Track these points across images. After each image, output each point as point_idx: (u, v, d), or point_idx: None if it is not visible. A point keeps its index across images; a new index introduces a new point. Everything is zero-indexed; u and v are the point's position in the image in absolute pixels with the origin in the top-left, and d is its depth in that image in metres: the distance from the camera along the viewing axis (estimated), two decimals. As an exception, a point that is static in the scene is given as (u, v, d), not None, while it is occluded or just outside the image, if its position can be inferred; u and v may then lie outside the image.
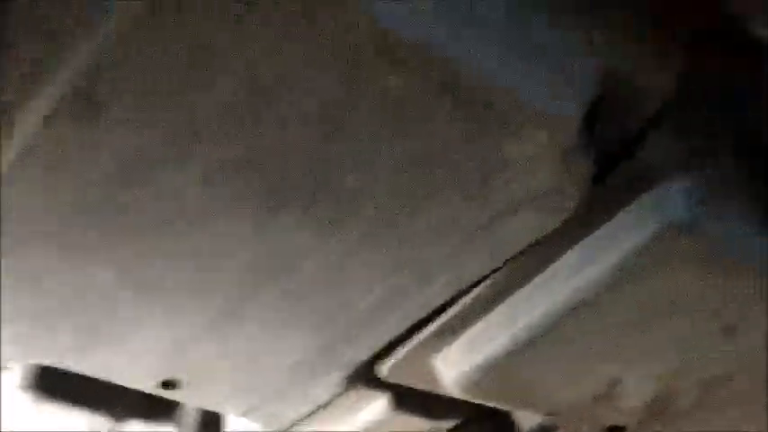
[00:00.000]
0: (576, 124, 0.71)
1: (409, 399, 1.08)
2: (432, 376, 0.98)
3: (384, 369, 0.98)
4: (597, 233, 0.81)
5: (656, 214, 0.78)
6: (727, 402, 1.01)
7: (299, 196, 0.74)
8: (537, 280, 0.87)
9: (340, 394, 1.05)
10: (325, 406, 1.07)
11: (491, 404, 1.01)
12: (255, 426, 1.11)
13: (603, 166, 0.78)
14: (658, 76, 0.73)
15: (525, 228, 0.79)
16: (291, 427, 1.11)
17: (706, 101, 0.78)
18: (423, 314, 0.91)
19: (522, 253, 0.84)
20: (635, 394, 0.99)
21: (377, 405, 1.09)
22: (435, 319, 0.92)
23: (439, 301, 0.89)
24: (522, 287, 0.88)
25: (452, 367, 0.95)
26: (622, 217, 0.80)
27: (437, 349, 0.96)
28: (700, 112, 0.79)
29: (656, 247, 0.79)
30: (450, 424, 1.16)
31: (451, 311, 0.91)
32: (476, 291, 0.89)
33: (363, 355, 0.97)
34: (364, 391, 1.06)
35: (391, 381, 1.00)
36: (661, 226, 0.78)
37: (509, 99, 0.68)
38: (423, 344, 0.95)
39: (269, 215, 0.76)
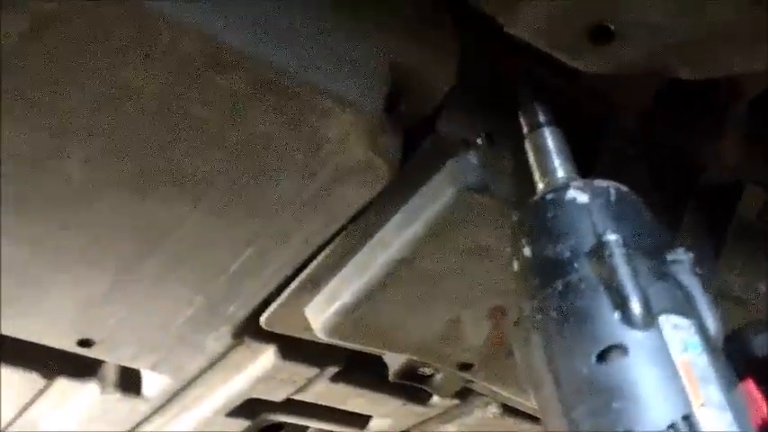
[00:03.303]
0: (375, 107, 0.91)
1: (294, 348, 1.28)
2: (304, 325, 1.18)
3: (263, 319, 1.18)
4: (411, 201, 1.01)
5: (453, 180, 0.99)
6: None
7: (160, 178, 0.94)
8: (373, 240, 1.07)
9: (232, 346, 1.25)
10: (220, 358, 1.27)
11: (354, 346, 1.21)
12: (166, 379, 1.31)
13: (408, 145, 0.98)
14: (439, 67, 0.94)
15: (350, 197, 1.00)
16: (196, 378, 1.31)
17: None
18: (288, 272, 1.11)
19: (354, 219, 1.04)
20: (474, 332, 1.20)
21: (265, 356, 1.29)
22: (298, 276, 1.12)
23: (298, 260, 1.09)
24: (363, 247, 1.08)
25: (318, 315, 1.15)
26: (429, 185, 1.00)
27: (305, 301, 1.16)
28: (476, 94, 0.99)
29: (458, 207, 0.99)
30: (333, 370, 1.36)
31: (310, 268, 1.11)
32: (327, 250, 1.09)
33: (244, 310, 1.17)
34: (252, 344, 1.26)
35: (270, 329, 1.20)
36: (459, 189, 0.99)
37: (318, 91, 0.88)
38: (292, 296, 1.14)
39: (140, 193, 0.95)
